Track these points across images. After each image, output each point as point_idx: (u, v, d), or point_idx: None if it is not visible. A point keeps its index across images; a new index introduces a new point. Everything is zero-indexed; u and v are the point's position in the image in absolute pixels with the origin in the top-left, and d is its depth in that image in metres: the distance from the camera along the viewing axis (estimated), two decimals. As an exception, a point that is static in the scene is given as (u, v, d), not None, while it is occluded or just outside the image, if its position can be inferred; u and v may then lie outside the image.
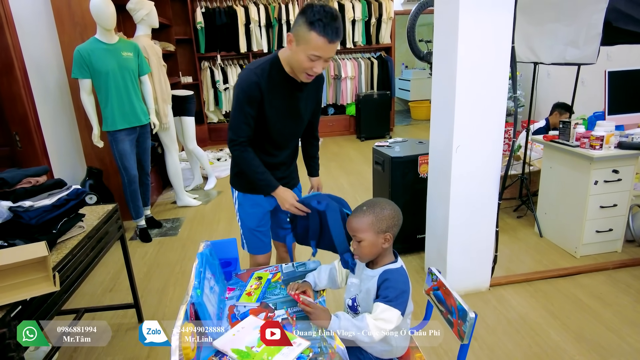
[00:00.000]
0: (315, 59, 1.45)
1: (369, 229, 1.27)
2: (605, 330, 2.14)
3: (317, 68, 1.49)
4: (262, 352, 1.14)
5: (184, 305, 1.13)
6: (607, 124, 2.68)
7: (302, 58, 1.46)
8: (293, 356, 1.13)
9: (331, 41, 1.42)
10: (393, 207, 1.33)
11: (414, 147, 2.94)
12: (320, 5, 1.42)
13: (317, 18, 1.39)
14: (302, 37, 1.43)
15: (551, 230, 3.09)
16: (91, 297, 2.62)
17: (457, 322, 1.35)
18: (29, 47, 2.90)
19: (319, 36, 1.40)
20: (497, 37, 2.13)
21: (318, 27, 1.39)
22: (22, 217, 1.52)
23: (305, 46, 1.43)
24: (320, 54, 1.44)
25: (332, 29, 1.40)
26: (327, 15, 1.39)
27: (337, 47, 1.48)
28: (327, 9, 1.41)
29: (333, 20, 1.40)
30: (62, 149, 3.27)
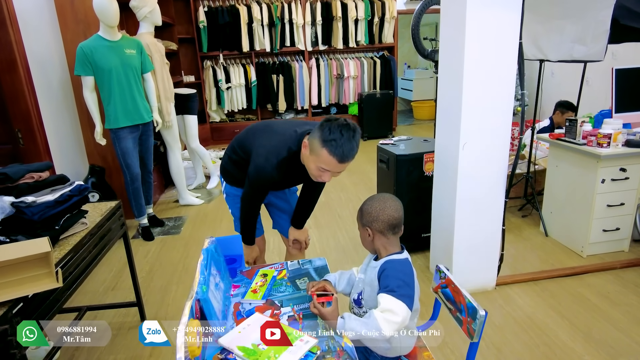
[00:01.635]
0: (324, 171, 1.48)
1: (358, 219, 1.38)
2: (614, 329, 2.11)
3: (324, 177, 1.51)
4: (269, 350, 1.11)
5: (190, 302, 1.11)
6: (614, 121, 2.65)
7: (312, 167, 1.50)
8: (300, 354, 1.10)
9: (342, 161, 1.43)
10: (377, 202, 1.31)
11: (419, 145, 2.91)
12: (340, 123, 1.42)
13: (331, 138, 1.40)
14: (315, 150, 1.45)
15: (557, 229, 3.06)
16: (93, 295, 2.60)
17: (467, 320, 1.33)
18: (32, 44, 2.88)
19: (329, 155, 1.41)
20: (505, 34, 2.11)
21: (330, 147, 1.40)
22: (24, 212, 1.50)
23: (316, 158, 1.46)
24: (330, 169, 1.46)
25: (344, 151, 1.40)
26: (342, 136, 1.39)
27: (349, 163, 1.48)
28: (344, 130, 1.40)
29: (348, 141, 1.40)
30: (65, 147, 3.26)
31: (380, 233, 1.30)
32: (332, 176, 1.52)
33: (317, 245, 3.11)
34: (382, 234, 1.31)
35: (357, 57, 6.78)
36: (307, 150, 1.51)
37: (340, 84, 6.71)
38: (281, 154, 1.58)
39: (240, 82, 6.35)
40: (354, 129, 1.43)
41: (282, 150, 1.59)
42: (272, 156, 1.57)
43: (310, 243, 3.14)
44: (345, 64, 6.61)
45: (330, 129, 1.41)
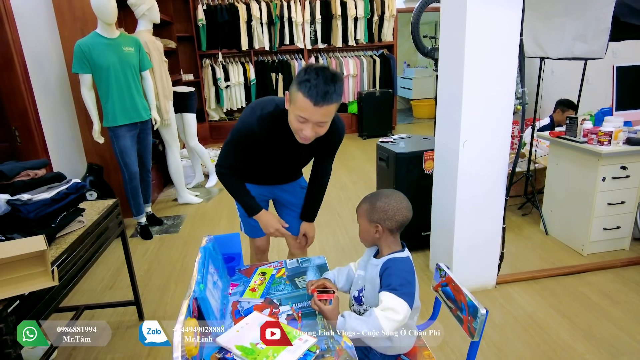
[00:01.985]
0: (303, 120, 1.37)
1: (363, 216, 1.32)
2: (615, 328, 2.09)
3: (306, 131, 1.39)
4: (268, 349, 1.10)
5: (187, 300, 1.09)
6: (615, 119, 2.63)
7: (292, 118, 1.41)
8: (299, 353, 1.09)
9: (317, 104, 1.31)
10: (390, 200, 1.30)
11: (418, 143, 2.90)
12: (317, 66, 1.34)
13: (305, 78, 1.32)
14: (292, 96, 1.38)
15: (557, 228, 3.05)
16: (91, 294, 2.58)
17: (468, 318, 1.31)
18: (29, 41, 2.86)
19: (304, 97, 1.32)
20: (505, 32, 2.09)
21: (304, 88, 1.31)
22: (20, 210, 1.48)
23: (294, 106, 1.38)
24: (306, 116, 1.35)
25: (319, 92, 1.30)
26: (318, 76, 1.30)
27: (330, 112, 1.37)
28: (321, 71, 1.32)
29: (324, 83, 1.30)
30: (62, 145, 3.24)
31: (389, 231, 1.29)
32: (313, 131, 1.39)
33: (317, 244, 3.09)
34: (390, 233, 1.30)
35: (356, 55, 6.77)
36: (288, 103, 1.43)
37: (340, 82, 6.69)
38: (266, 108, 1.52)
39: (240, 81, 6.33)
40: (334, 73, 1.34)
41: (268, 105, 1.53)
42: (257, 108, 1.53)
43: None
44: (345, 63, 6.59)
45: (306, 70, 1.34)
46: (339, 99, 1.36)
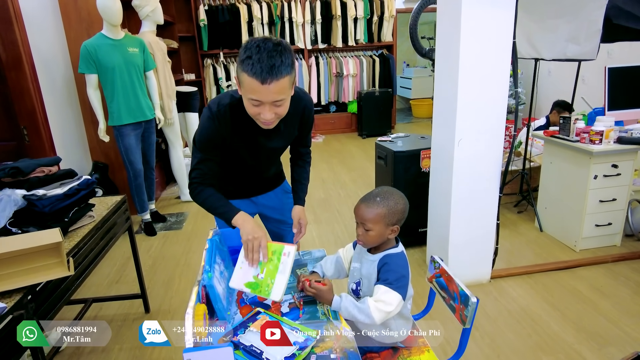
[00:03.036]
0: (257, 103, 1.22)
1: (380, 221, 1.28)
2: (604, 320, 2.18)
3: (264, 114, 1.23)
4: (266, 278, 1.30)
5: (196, 287, 1.17)
6: (606, 119, 2.71)
7: (247, 103, 1.25)
8: (288, 270, 1.28)
9: (265, 81, 1.15)
10: (404, 200, 1.35)
11: (416, 142, 2.97)
12: (258, 39, 1.18)
13: (246, 55, 1.15)
14: (240, 79, 1.22)
15: (551, 224, 3.13)
16: (98, 288, 2.66)
17: (459, 307, 1.39)
18: (37, 42, 2.94)
19: (249, 77, 1.16)
20: (499, 33, 2.17)
21: (247, 67, 1.15)
22: (35, 205, 1.56)
23: (244, 90, 1.22)
24: (258, 97, 1.19)
25: (263, 68, 1.14)
26: (259, 50, 1.14)
27: (282, 87, 1.19)
28: (262, 43, 1.16)
29: (268, 57, 1.14)
30: (69, 143, 3.32)
31: (399, 230, 1.33)
32: (271, 112, 1.24)
33: (317, 240, 3.17)
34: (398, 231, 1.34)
35: (356, 55, 6.84)
36: (239, 89, 1.27)
37: (340, 82, 6.77)
38: (222, 101, 1.37)
39: (241, 80, 6.39)
40: (278, 43, 1.18)
41: (224, 98, 1.39)
42: (213, 105, 1.37)
43: (310, 238, 3.22)
44: (345, 63, 6.66)
45: (246, 46, 1.17)
46: (289, 70, 1.19)
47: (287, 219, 1.80)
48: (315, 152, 5.86)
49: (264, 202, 1.78)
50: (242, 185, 1.69)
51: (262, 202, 1.78)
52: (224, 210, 1.41)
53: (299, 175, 1.74)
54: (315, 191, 4.26)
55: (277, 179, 1.80)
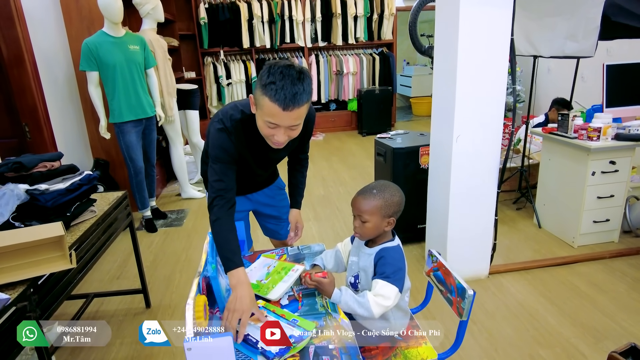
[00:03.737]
0: (274, 126, 1.25)
1: (377, 213, 1.30)
2: (600, 315, 2.19)
3: (278, 137, 1.27)
4: (269, 283, 1.40)
5: (197, 278, 1.19)
6: (604, 116, 2.73)
7: (261, 124, 1.28)
8: (291, 281, 1.39)
9: (286, 108, 1.19)
10: (401, 193, 1.38)
11: (415, 139, 2.99)
12: (280, 63, 1.21)
13: (270, 81, 1.18)
14: (258, 102, 1.24)
15: (550, 221, 3.14)
16: (99, 284, 2.69)
17: (457, 299, 1.41)
18: (38, 40, 2.96)
19: (271, 102, 1.19)
20: (497, 31, 2.18)
21: (270, 92, 1.18)
22: (38, 199, 1.58)
23: (261, 112, 1.24)
24: (276, 121, 1.23)
25: (286, 95, 1.17)
26: (283, 77, 1.18)
27: (301, 114, 1.24)
28: (286, 70, 1.19)
29: (291, 84, 1.18)
30: (70, 140, 3.34)
31: (395, 222, 1.35)
32: (285, 135, 1.28)
33: (317, 237, 3.19)
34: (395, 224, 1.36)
35: (356, 53, 6.85)
36: (254, 108, 1.30)
37: (340, 80, 6.79)
38: (234, 116, 1.39)
39: (241, 78, 6.42)
40: (300, 71, 1.21)
41: (235, 112, 1.40)
42: (226, 120, 1.38)
43: (310, 234, 3.24)
44: (345, 61, 6.68)
45: (269, 71, 1.20)
46: (309, 98, 1.25)
47: (282, 214, 1.86)
48: (316, 150, 5.89)
49: (258, 199, 1.82)
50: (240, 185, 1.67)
51: (257, 199, 1.81)
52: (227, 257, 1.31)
53: (297, 180, 1.80)
54: (315, 188, 4.28)
55: (271, 176, 1.84)
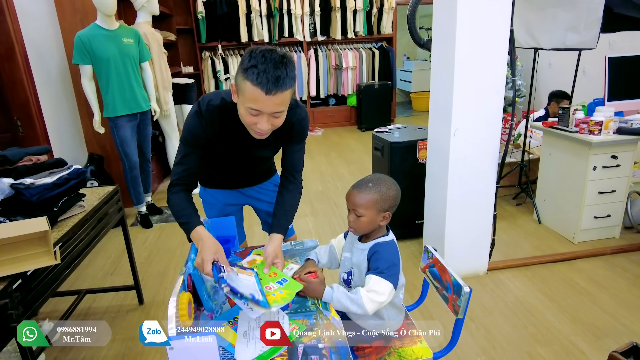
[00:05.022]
0: (256, 113, 1.21)
1: (372, 207, 1.27)
2: (601, 312, 2.15)
3: (261, 124, 1.23)
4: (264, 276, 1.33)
5: (182, 276, 1.15)
6: (606, 109, 2.68)
7: (243, 112, 1.23)
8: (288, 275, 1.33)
9: (269, 92, 1.15)
10: (397, 186, 1.34)
11: (413, 133, 2.94)
12: (262, 48, 1.19)
13: (251, 64, 1.15)
14: (239, 87, 1.21)
15: (550, 216, 3.10)
16: (92, 280, 2.65)
17: (452, 297, 1.37)
18: (30, 32, 2.91)
19: (253, 86, 1.15)
20: (496, 21, 2.13)
21: (251, 76, 1.14)
22: (23, 194, 1.54)
23: (242, 97, 1.20)
24: (259, 107, 1.19)
25: (269, 78, 1.14)
26: (265, 60, 1.15)
27: (284, 100, 1.20)
28: (268, 54, 1.16)
29: (274, 68, 1.15)
30: (64, 135, 3.29)
31: (390, 217, 1.31)
32: (269, 123, 1.23)
33: (313, 232, 3.16)
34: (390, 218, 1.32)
35: (355, 48, 6.79)
36: (235, 96, 1.25)
37: (339, 75, 6.73)
38: (213, 102, 1.35)
39: (239, 73, 6.35)
40: (283, 55, 1.18)
41: (215, 99, 1.36)
42: (202, 104, 1.36)
43: (307, 230, 3.21)
44: (344, 55, 6.62)
45: (251, 55, 1.17)
46: (292, 84, 1.21)
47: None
48: (314, 145, 5.84)
49: (253, 194, 1.77)
50: (230, 178, 1.67)
51: (252, 194, 1.77)
52: (184, 222, 1.35)
53: (285, 200, 1.56)
54: (313, 184, 4.24)
55: (267, 173, 1.77)
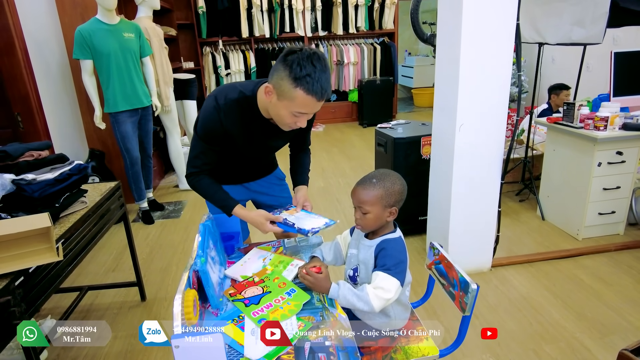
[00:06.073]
0: (300, 115, 1.28)
1: (377, 203, 1.25)
2: (606, 309, 2.14)
3: (301, 122, 1.31)
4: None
5: (187, 272, 1.14)
6: (612, 105, 2.65)
7: (284, 114, 1.28)
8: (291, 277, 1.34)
9: (321, 99, 1.24)
10: (402, 181, 1.32)
11: (417, 129, 2.92)
12: (306, 53, 1.21)
13: (304, 74, 1.19)
14: (286, 93, 1.23)
15: (553, 213, 3.08)
16: (94, 277, 2.64)
17: (459, 294, 1.36)
18: (30, 27, 2.88)
19: (306, 95, 1.21)
20: (502, 16, 2.10)
21: (305, 85, 1.19)
22: (25, 190, 1.52)
23: (290, 103, 1.24)
24: (307, 111, 1.26)
25: (323, 86, 1.21)
26: (315, 69, 1.19)
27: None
28: (315, 61, 1.20)
29: (323, 73, 1.21)
30: (64, 131, 3.27)
31: (397, 212, 1.29)
32: (306, 120, 1.33)
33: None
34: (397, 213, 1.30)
35: (357, 43, 6.75)
36: (272, 97, 1.28)
37: (340, 70, 6.69)
38: (230, 96, 1.37)
39: (240, 69, 6.33)
40: (323, 57, 1.24)
41: (232, 92, 1.38)
42: (220, 97, 1.36)
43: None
44: (345, 50, 6.58)
45: (299, 63, 1.19)
46: None
47: (281, 204, 1.81)
48: (316, 141, 5.81)
49: (256, 188, 1.77)
50: (236, 172, 1.68)
51: (255, 188, 1.77)
52: (222, 205, 1.49)
53: (300, 161, 1.73)
54: (315, 180, 4.22)
55: (270, 166, 1.80)
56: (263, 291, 1.27)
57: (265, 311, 1.18)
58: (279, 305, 1.20)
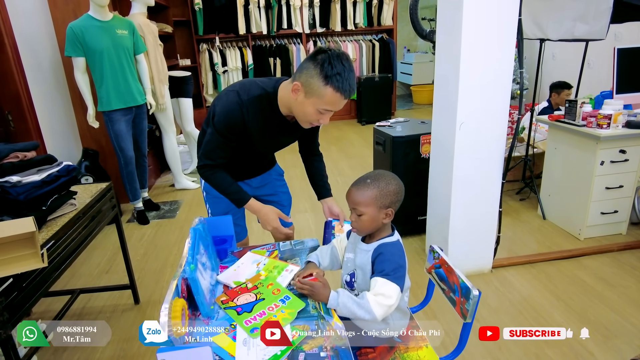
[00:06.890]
0: (325, 112, 1.35)
1: (372, 204, 1.21)
2: (609, 311, 2.10)
3: (324, 119, 1.39)
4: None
5: (175, 280, 1.08)
6: (615, 102, 2.60)
7: (311, 111, 1.35)
8: (285, 283, 1.29)
9: (348, 97, 1.33)
10: (397, 181, 1.27)
11: (416, 127, 2.87)
12: (335, 53, 1.29)
13: (335, 72, 1.26)
14: (315, 91, 1.30)
15: (555, 212, 3.04)
16: (87, 279, 2.59)
17: (460, 300, 1.31)
18: (20, 23, 2.81)
19: (335, 92, 1.29)
20: (503, 11, 2.04)
21: (336, 83, 1.27)
22: (9, 192, 1.47)
23: (318, 100, 1.31)
24: (334, 108, 1.34)
25: (351, 85, 1.30)
26: (345, 68, 1.28)
27: None
28: (344, 60, 1.29)
29: (350, 72, 1.30)
30: (57, 129, 3.21)
31: (393, 214, 1.25)
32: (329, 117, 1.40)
33: (313, 228, 3.10)
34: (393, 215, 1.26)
35: (355, 39, 6.68)
36: (299, 94, 1.34)
37: (339, 67, 6.62)
38: (252, 92, 1.41)
39: (237, 66, 6.26)
40: (349, 58, 1.34)
41: (254, 88, 1.42)
42: (243, 93, 1.40)
43: (307, 226, 3.14)
44: (344, 47, 6.50)
45: (330, 62, 1.27)
46: None
47: (282, 200, 1.85)
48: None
49: (257, 184, 1.78)
50: (243, 167, 1.70)
51: (256, 184, 1.78)
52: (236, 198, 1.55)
53: (321, 170, 1.78)
54: (312, 179, 4.16)
55: (271, 161, 1.83)
56: (256, 298, 1.22)
57: (259, 320, 1.13)
58: (272, 314, 1.16)
